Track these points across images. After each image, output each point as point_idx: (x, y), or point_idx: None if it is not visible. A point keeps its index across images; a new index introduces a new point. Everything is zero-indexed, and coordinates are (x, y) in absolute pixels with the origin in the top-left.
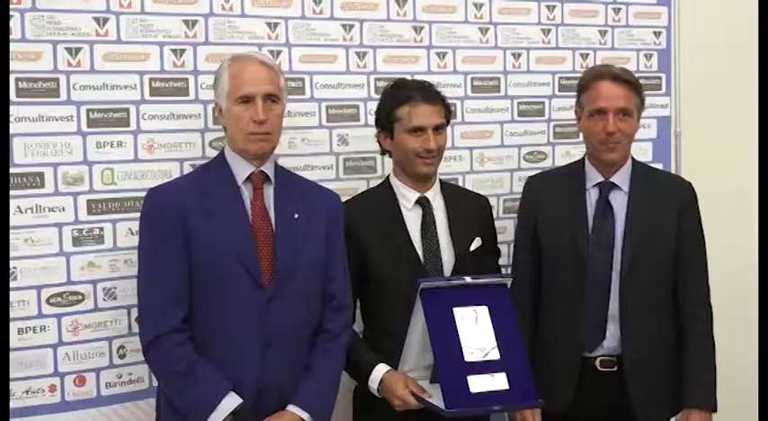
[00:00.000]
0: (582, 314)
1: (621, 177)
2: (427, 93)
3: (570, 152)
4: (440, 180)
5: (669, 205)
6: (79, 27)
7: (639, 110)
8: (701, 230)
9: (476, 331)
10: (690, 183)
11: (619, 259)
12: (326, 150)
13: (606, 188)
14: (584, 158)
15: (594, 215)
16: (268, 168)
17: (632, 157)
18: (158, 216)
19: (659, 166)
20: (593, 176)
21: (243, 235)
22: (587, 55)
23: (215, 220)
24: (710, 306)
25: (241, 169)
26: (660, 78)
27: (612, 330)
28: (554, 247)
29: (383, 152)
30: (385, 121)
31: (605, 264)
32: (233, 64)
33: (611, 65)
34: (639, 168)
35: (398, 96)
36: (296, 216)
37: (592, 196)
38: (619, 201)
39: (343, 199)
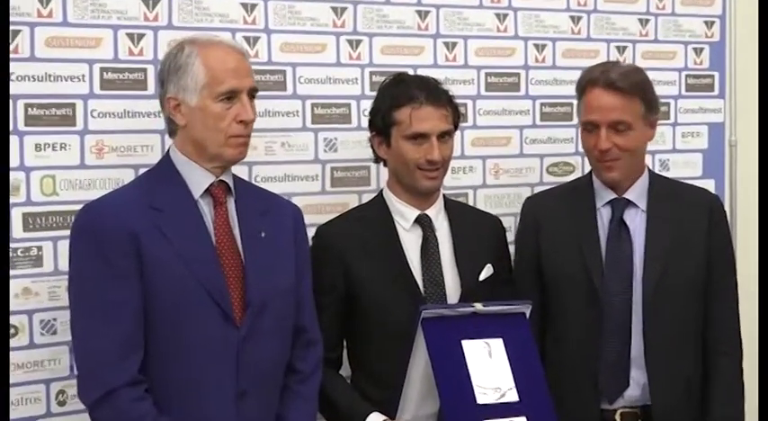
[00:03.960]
0: (600, 358)
1: (637, 193)
2: (433, 92)
3: None
4: (444, 196)
5: (695, 223)
6: (18, 6)
7: (647, 117)
8: (732, 253)
9: (489, 368)
10: (717, 197)
11: (639, 289)
12: (311, 157)
13: (620, 206)
14: (590, 173)
15: (608, 238)
16: (228, 178)
17: (648, 169)
18: (101, 238)
19: (711, 183)
20: (604, 193)
21: (208, 261)
22: (625, 48)
23: (173, 243)
24: (741, 345)
25: (198, 179)
26: (712, 77)
27: (636, 376)
28: (562, 278)
29: (377, 160)
30: (381, 124)
31: (624, 295)
32: (203, 50)
33: (614, 63)
34: (657, 181)
35: (398, 95)
36: (262, 234)
37: (603, 216)
38: (636, 221)
39: (329, 217)
